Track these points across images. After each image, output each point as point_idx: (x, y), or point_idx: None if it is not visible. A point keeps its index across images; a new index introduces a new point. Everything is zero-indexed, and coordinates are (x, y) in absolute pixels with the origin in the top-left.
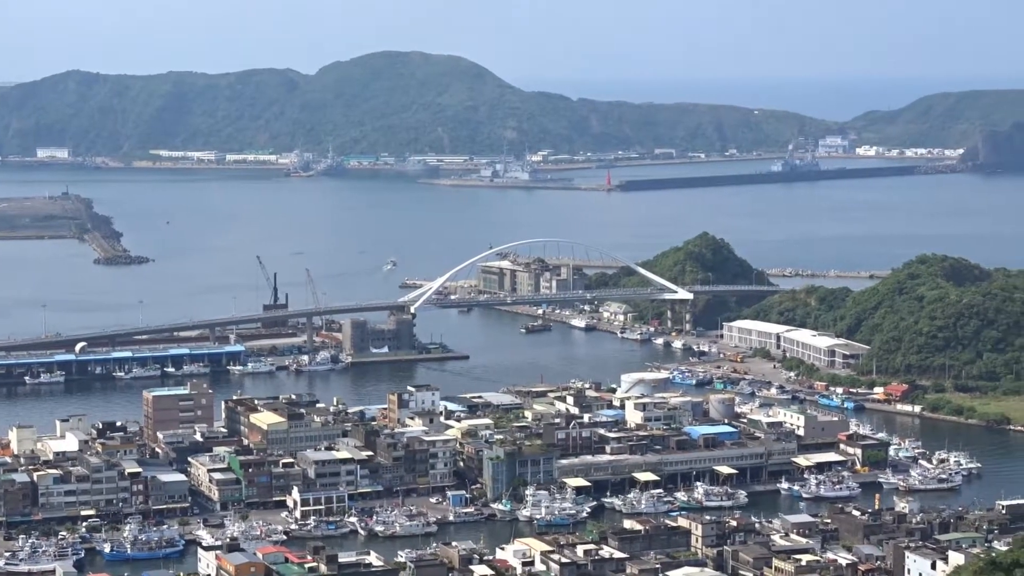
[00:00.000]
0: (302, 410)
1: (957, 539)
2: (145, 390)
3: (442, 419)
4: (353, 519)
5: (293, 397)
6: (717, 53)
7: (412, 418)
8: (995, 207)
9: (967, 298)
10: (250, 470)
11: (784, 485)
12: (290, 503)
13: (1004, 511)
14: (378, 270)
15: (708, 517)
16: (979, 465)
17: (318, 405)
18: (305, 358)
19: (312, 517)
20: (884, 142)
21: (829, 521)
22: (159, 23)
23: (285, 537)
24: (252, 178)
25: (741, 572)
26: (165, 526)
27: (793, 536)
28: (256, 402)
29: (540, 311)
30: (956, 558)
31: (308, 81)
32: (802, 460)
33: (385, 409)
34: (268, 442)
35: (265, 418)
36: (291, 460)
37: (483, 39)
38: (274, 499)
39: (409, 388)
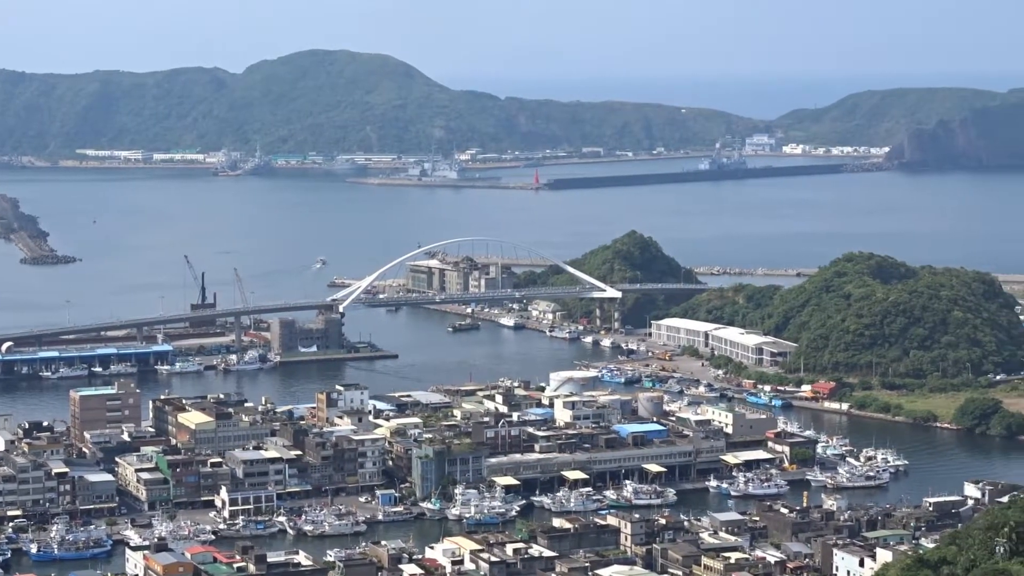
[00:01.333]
0: (230, 409)
1: (885, 536)
2: (72, 390)
3: (371, 418)
4: (282, 518)
5: (221, 396)
6: (645, 51)
7: (341, 417)
8: (921, 205)
9: (894, 296)
10: (178, 470)
11: (713, 483)
12: (218, 503)
13: (931, 508)
14: (307, 269)
15: (637, 515)
16: (906, 462)
17: (246, 404)
18: (233, 357)
19: (241, 516)
20: (810, 140)
21: (758, 519)
22: (86, 21)
23: (213, 537)
24: (179, 177)
25: (670, 570)
26: (92, 526)
27: (722, 534)
28: (184, 401)
29: (469, 310)
30: (884, 555)
31: (235, 80)
32: (730, 458)
33: (314, 408)
34: (196, 442)
35: (193, 417)
36: (219, 459)
37: (411, 38)
38: (202, 499)
39: (338, 387)
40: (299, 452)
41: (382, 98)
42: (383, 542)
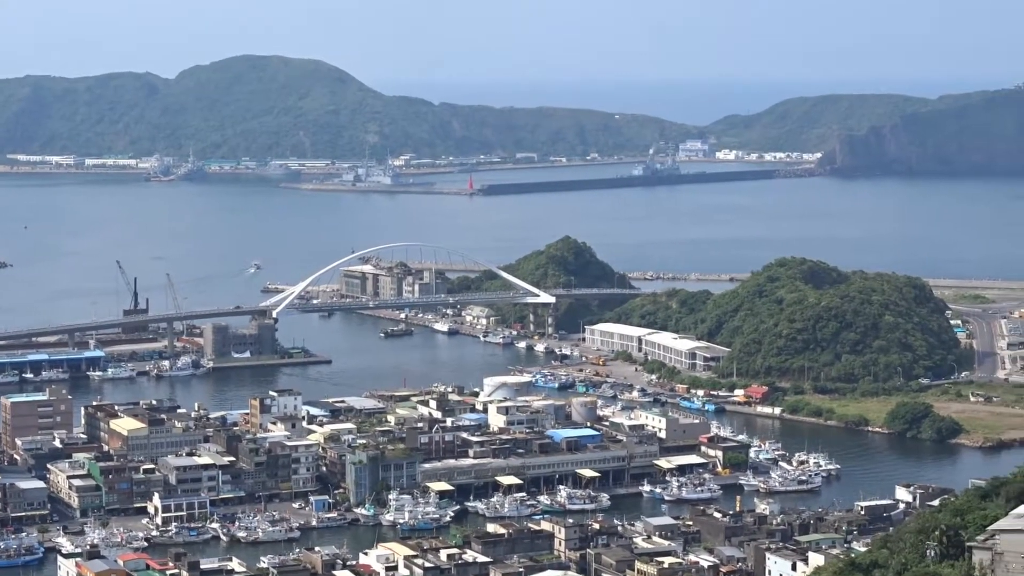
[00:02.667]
0: (163, 416)
1: (817, 540)
2: (3, 396)
3: (304, 424)
4: (215, 525)
5: (154, 402)
6: (578, 57)
7: (274, 423)
8: (853, 210)
9: (825, 300)
10: (110, 476)
11: (646, 488)
12: (151, 509)
13: (863, 512)
14: (241, 273)
15: (571, 520)
16: (838, 466)
17: (179, 410)
18: (166, 363)
19: (174, 523)
20: (743, 146)
21: (691, 523)
22: (17, 27)
23: (146, 544)
24: (112, 183)
25: (604, 575)
26: (24, 534)
27: (655, 538)
28: (116, 408)
29: (403, 315)
30: (816, 559)
31: (168, 85)
32: (664, 463)
33: (247, 414)
34: (129, 448)
35: (125, 424)
36: (152, 466)
37: (344, 43)
38: (135, 505)
39: (271, 393)
40: (232, 458)
41: (315, 103)
42: (317, 548)
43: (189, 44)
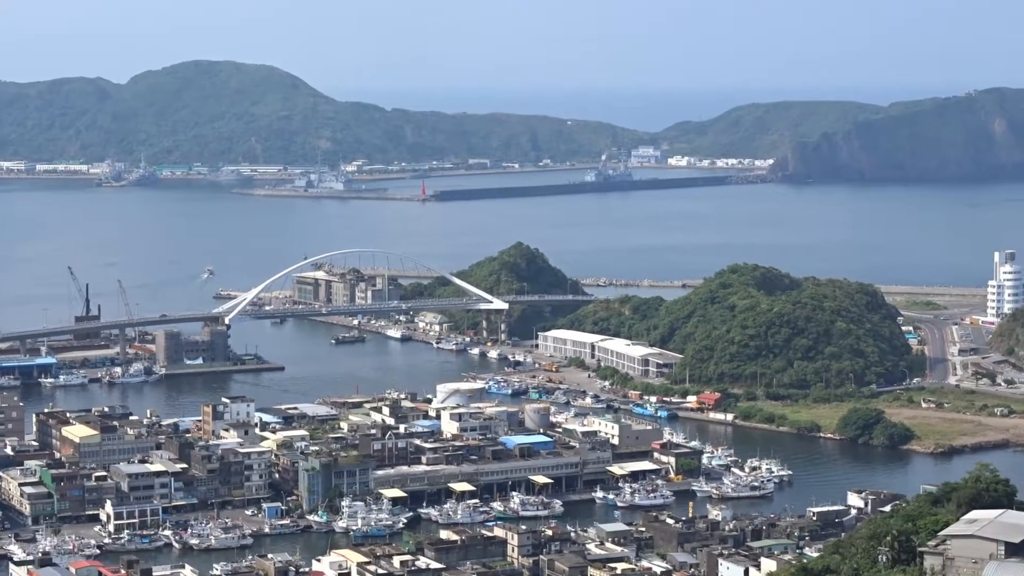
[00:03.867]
0: (115, 423)
1: (769, 546)
2: None
3: (257, 431)
4: (167, 532)
5: (106, 409)
6: (531, 63)
7: (227, 430)
8: (805, 217)
9: (778, 307)
10: (62, 484)
11: (599, 494)
12: (103, 517)
13: (815, 518)
14: (192, 280)
15: (524, 527)
16: (790, 472)
17: (131, 417)
18: (118, 370)
19: (126, 531)
20: (695, 152)
21: (644, 529)
22: None
23: (98, 551)
24: (63, 188)
25: None
26: None
27: (608, 545)
28: (68, 415)
29: (355, 322)
30: (768, 565)
31: (119, 90)
32: (617, 469)
33: (199, 421)
34: (80, 455)
35: (77, 431)
36: (104, 473)
37: (296, 49)
38: (87, 513)
39: (224, 400)
40: (185, 465)
41: (268, 109)
42: (269, 555)
43: (141, 49)
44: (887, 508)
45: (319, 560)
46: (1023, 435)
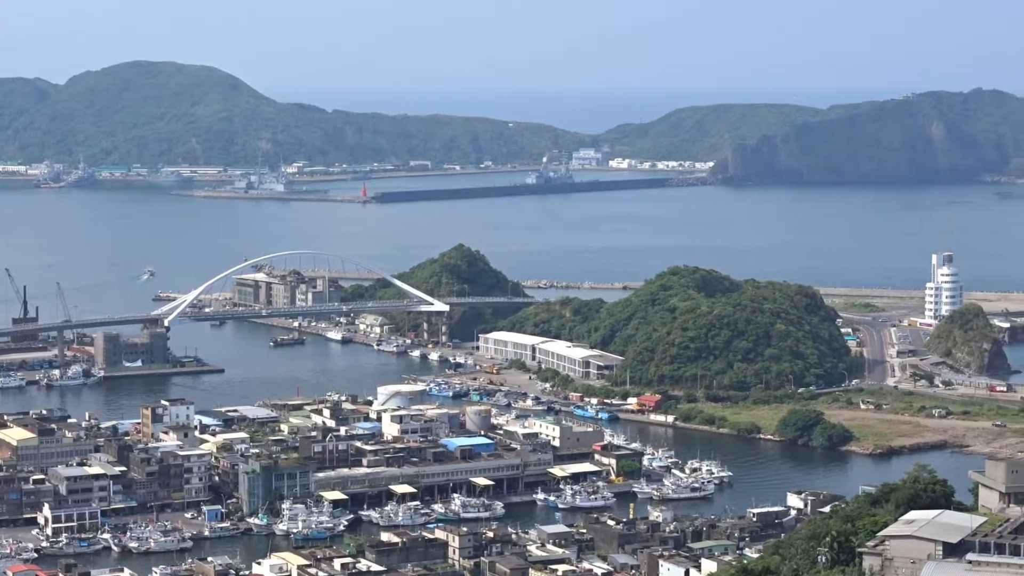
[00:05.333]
0: (53, 425)
1: (710, 547)
2: None
3: (197, 433)
4: (106, 535)
5: (44, 412)
6: (472, 65)
7: (166, 432)
8: (745, 219)
9: (718, 309)
10: (0, 487)
11: (540, 496)
12: (41, 520)
13: (755, 519)
14: (132, 282)
15: (465, 529)
16: (730, 474)
17: (70, 420)
18: (56, 372)
19: (64, 534)
20: (636, 155)
21: (585, 531)
22: None
23: (36, 555)
24: (1, 189)
25: None
26: None
27: (549, 546)
28: (5, 417)
29: (296, 324)
30: (709, 566)
31: (58, 91)
32: (558, 471)
33: (139, 424)
34: (18, 458)
35: (15, 434)
36: (42, 476)
37: (237, 50)
38: (24, 516)
39: (163, 402)
40: (124, 468)
41: (208, 110)
42: (209, 558)
43: (80, 49)
44: (826, 509)
45: (259, 563)
46: (960, 436)
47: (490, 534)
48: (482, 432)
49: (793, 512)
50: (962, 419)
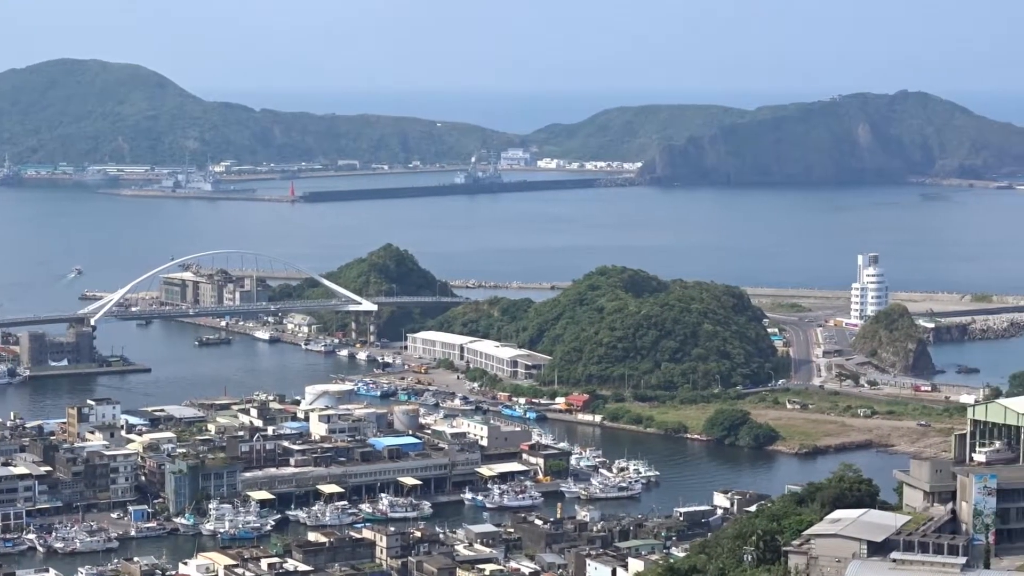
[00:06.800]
0: None
1: (637, 546)
2: None
3: (123, 433)
4: (31, 536)
5: None
6: (400, 65)
7: (92, 432)
8: (672, 219)
9: (645, 309)
10: None
11: (468, 495)
12: None
13: (682, 518)
14: (58, 281)
15: (392, 528)
16: (657, 473)
17: None
18: None
19: None
20: (565, 155)
21: (512, 530)
22: None
23: None
24: None
25: None
26: None
27: (477, 546)
28: None
29: (223, 323)
30: (636, 565)
31: None
32: (485, 470)
33: (64, 423)
34: None
35: None
36: None
37: (163, 48)
38: None
39: (89, 402)
40: (49, 468)
41: (134, 108)
42: (136, 558)
43: (4, 47)
44: (752, 508)
45: (186, 563)
46: (885, 436)
47: (417, 534)
48: (410, 432)
49: (719, 511)
50: (887, 419)
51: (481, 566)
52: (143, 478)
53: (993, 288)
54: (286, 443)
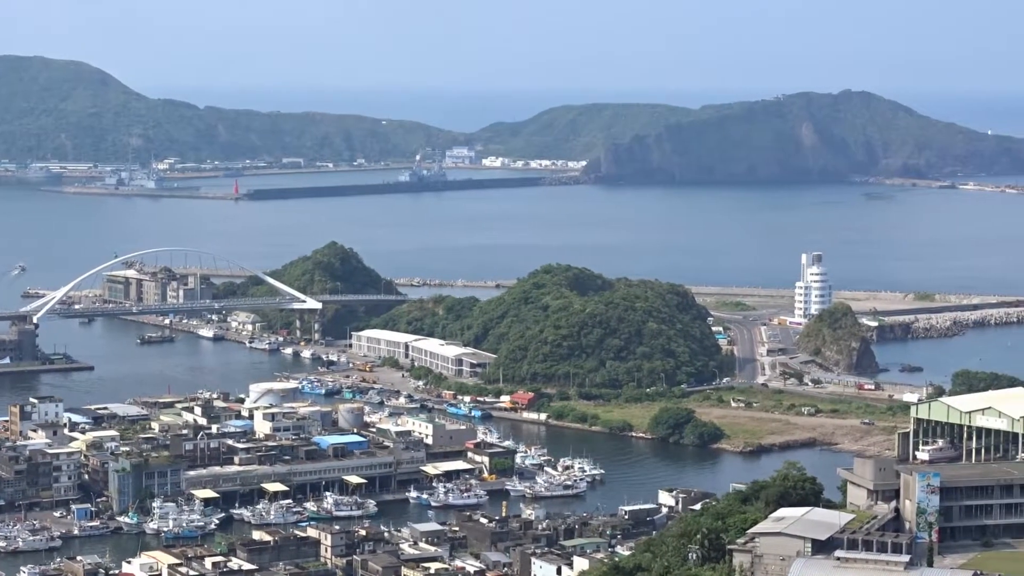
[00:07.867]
0: None
1: (582, 544)
2: None
3: (66, 431)
4: None
5: None
6: (345, 63)
7: (35, 430)
8: (617, 218)
9: (590, 307)
10: None
11: (413, 494)
12: None
13: (627, 516)
14: (1, 278)
15: (337, 527)
16: (602, 471)
17: None
18: None
19: None
20: (509, 153)
21: (457, 529)
22: None
23: None
24: None
25: None
26: None
27: (422, 544)
28: None
29: (167, 321)
30: (581, 563)
31: None
32: (430, 469)
33: (6, 421)
34: None
35: None
36: None
37: (107, 46)
38: None
39: (32, 400)
40: None
41: (77, 105)
42: (79, 557)
43: None
44: (697, 506)
45: (129, 562)
46: (829, 434)
47: (363, 532)
48: (355, 430)
49: (664, 510)
50: (831, 417)
51: (426, 565)
52: (86, 476)
53: (936, 287)
54: (230, 441)
